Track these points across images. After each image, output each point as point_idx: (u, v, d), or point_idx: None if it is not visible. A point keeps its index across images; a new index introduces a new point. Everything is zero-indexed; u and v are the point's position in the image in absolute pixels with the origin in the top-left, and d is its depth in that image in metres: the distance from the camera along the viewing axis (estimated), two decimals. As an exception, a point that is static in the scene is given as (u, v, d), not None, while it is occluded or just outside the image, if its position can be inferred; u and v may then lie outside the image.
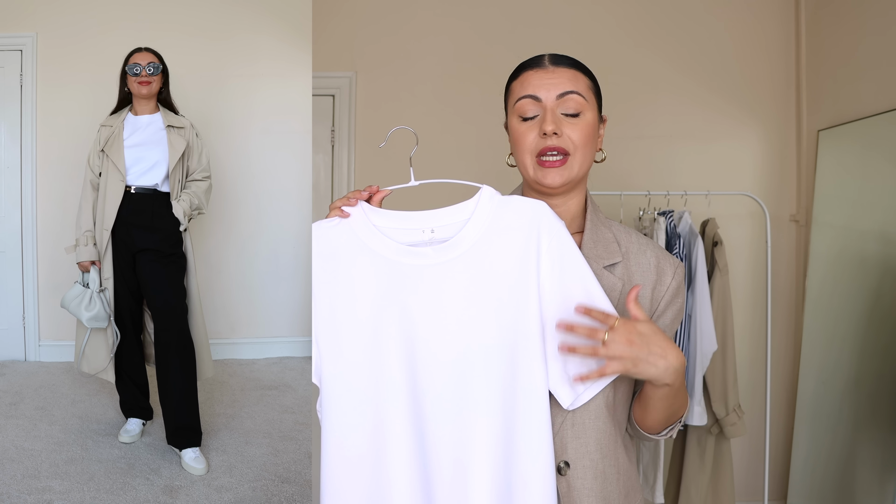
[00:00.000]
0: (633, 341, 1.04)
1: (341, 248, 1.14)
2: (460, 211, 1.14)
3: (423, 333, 1.10)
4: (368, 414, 1.10)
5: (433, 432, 1.08)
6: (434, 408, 1.08)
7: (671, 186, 2.84)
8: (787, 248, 3.12)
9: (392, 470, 1.08)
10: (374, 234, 1.13)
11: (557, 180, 1.18)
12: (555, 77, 1.18)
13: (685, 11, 3.13)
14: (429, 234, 1.14)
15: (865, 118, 2.67)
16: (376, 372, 1.10)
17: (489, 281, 1.10)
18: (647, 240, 1.25)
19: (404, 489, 1.08)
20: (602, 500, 1.14)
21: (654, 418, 1.17)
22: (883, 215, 2.53)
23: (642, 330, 1.05)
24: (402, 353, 1.10)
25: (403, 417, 1.08)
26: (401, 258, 1.12)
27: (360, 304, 1.11)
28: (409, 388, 1.09)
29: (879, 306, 2.52)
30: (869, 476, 2.48)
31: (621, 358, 1.04)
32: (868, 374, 2.54)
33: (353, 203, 1.16)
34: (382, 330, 1.10)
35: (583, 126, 1.18)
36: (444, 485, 1.08)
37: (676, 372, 1.07)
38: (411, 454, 1.08)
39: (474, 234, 1.12)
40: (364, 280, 1.12)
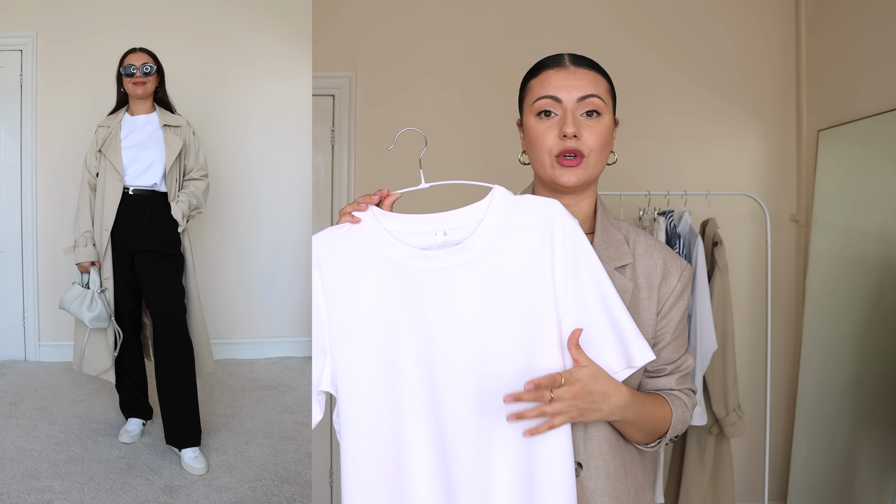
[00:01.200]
0: (576, 395, 1.07)
1: (354, 253, 1.13)
2: (473, 212, 1.13)
3: (440, 337, 1.09)
4: (387, 419, 1.10)
5: (453, 435, 1.08)
6: (453, 411, 1.08)
7: (671, 186, 2.84)
8: (787, 248, 3.12)
9: (413, 473, 1.08)
10: (387, 238, 1.13)
11: (573, 180, 1.18)
12: (576, 79, 1.18)
13: (685, 11, 3.13)
14: (441, 237, 1.13)
15: (865, 118, 2.67)
16: (393, 377, 1.10)
17: (504, 282, 1.10)
18: (656, 241, 1.26)
19: (426, 492, 1.08)
20: (614, 499, 1.15)
21: (630, 438, 1.19)
22: (883, 215, 2.53)
23: (583, 379, 1.07)
24: (418, 357, 1.09)
25: (423, 422, 1.08)
26: (414, 262, 1.11)
27: (374, 310, 1.11)
28: (428, 391, 1.09)
29: (879, 306, 2.52)
30: (869, 476, 2.48)
31: (567, 412, 1.06)
32: (868, 374, 2.54)
33: (364, 208, 1.15)
34: (398, 335, 1.10)
35: (601, 129, 1.19)
36: (466, 487, 1.08)
37: (623, 409, 1.11)
38: (432, 458, 1.08)
39: (488, 235, 1.11)
40: (378, 285, 1.11)
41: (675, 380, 1.23)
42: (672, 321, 1.22)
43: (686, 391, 1.25)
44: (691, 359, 1.26)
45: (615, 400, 1.09)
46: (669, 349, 1.23)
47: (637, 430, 1.17)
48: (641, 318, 1.20)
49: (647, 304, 1.21)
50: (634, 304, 1.20)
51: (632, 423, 1.14)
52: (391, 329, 1.10)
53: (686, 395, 1.24)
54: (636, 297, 1.20)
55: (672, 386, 1.23)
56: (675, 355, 1.24)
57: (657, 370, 1.23)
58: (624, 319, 1.11)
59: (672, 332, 1.22)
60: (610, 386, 1.09)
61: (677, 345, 1.24)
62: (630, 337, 1.10)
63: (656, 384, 1.23)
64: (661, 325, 1.22)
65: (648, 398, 1.18)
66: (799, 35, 3.09)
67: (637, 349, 1.10)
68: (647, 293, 1.21)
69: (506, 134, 1.25)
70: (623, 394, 1.11)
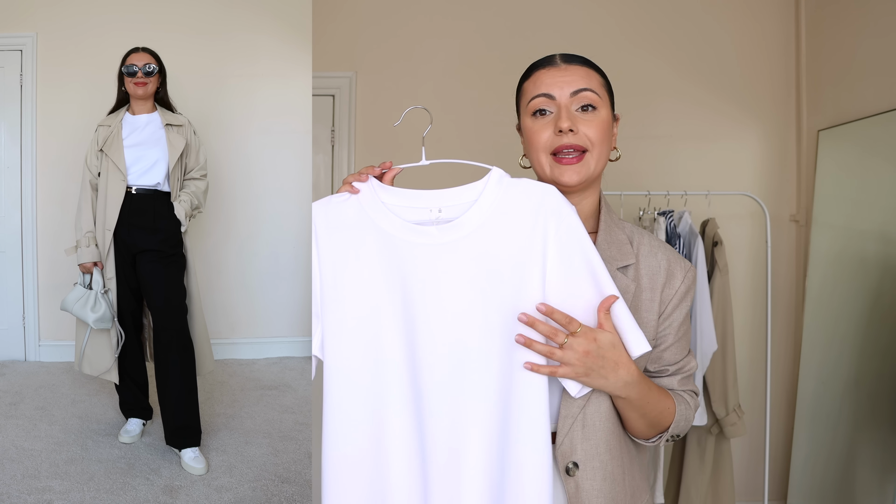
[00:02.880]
0: (589, 352, 1.06)
1: (349, 222, 1.14)
2: (468, 192, 1.14)
3: (422, 313, 1.10)
4: (366, 392, 1.10)
5: (430, 411, 1.08)
6: (430, 389, 1.09)
7: (671, 186, 2.84)
8: (787, 248, 3.12)
9: (390, 446, 1.09)
10: (382, 210, 1.13)
11: (574, 178, 1.18)
12: (568, 75, 1.18)
13: (685, 12, 3.13)
14: (436, 214, 1.14)
15: (865, 118, 2.67)
16: (376, 349, 1.10)
17: (492, 263, 1.10)
18: (660, 242, 1.26)
19: (401, 467, 1.08)
20: (610, 500, 1.14)
21: (630, 426, 1.18)
22: (883, 215, 2.53)
23: (601, 341, 1.07)
24: (401, 331, 1.10)
25: (401, 396, 1.09)
26: (406, 236, 1.12)
27: (363, 280, 1.12)
28: (408, 367, 1.09)
29: (879, 306, 2.52)
30: (869, 476, 2.48)
31: (573, 365, 1.06)
32: (868, 374, 2.54)
33: (364, 179, 1.16)
34: (383, 307, 1.10)
35: (598, 122, 1.18)
36: (438, 467, 1.08)
37: (629, 386, 1.10)
38: (408, 432, 1.08)
39: (480, 216, 1.12)
40: (369, 256, 1.12)
41: (678, 381, 1.23)
42: (675, 322, 1.22)
43: (689, 392, 1.24)
44: (694, 361, 1.25)
45: (623, 374, 1.09)
46: (672, 350, 1.22)
47: (639, 417, 1.15)
48: (643, 319, 1.19)
49: (649, 306, 1.20)
50: (636, 304, 1.19)
51: (635, 405, 1.13)
52: (377, 300, 1.11)
53: (689, 395, 1.24)
54: (638, 298, 1.20)
55: (674, 386, 1.22)
56: (678, 357, 1.23)
57: (659, 371, 1.23)
58: (620, 309, 1.10)
59: (675, 334, 1.22)
60: (623, 358, 1.09)
61: (680, 346, 1.23)
62: (625, 327, 1.10)
63: (658, 384, 1.22)
64: (664, 326, 1.21)
65: (655, 386, 1.17)
66: (799, 35, 3.09)
67: (632, 340, 1.10)
68: (649, 294, 1.20)
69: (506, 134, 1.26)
70: (633, 371, 1.10)
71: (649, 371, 1.23)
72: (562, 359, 1.06)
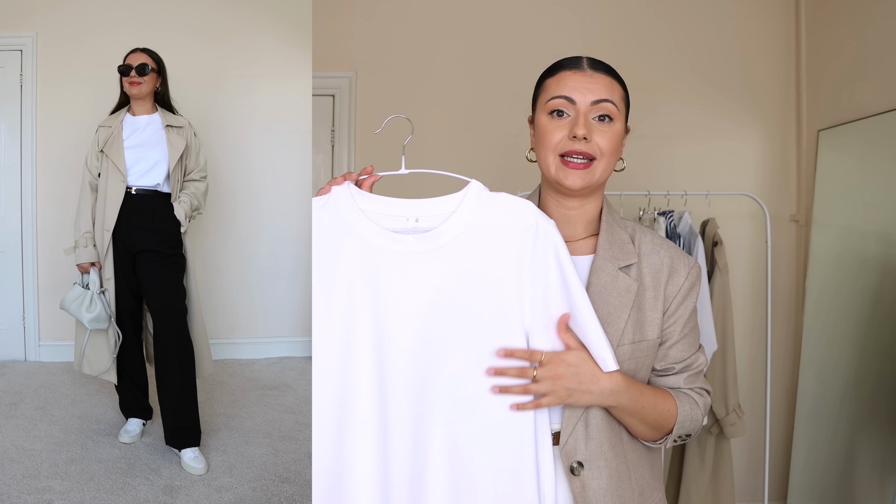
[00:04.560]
0: (561, 375, 1.07)
1: (328, 228, 1.15)
2: (447, 203, 1.14)
3: (392, 321, 1.10)
4: (337, 398, 1.10)
5: (397, 420, 1.09)
6: (398, 398, 1.09)
7: (671, 186, 2.84)
8: (787, 249, 3.11)
9: (356, 469, 1.09)
10: (359, 217, 1.14)
11: (578, 183, 1.18)
12: (592, 82, 1.19)
13: (685, 11, 3.13)
14: (413, 223, 1.14)
15: (865, 118, 2.67)
16: (348, 356, 1.11)
17: (465, 276, 1.10)
18: (664, 240, 1.25)
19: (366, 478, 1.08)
20: (617, 498, 1.14)
21: (633, 431, 1.18)
22: (883, 215, 2.53)
23: (570, 360, 1.08)
24: (371, 338, 1.10)
25: (368, 403, 1.09)
26: (381, 243, 1.12)
27: (338, 285, 1.12)
28: (377, 374, 1.09)
29: (879, 307, 2.52)
30: (869, 476, 2.48)
31: (553, 391, 1.08)
32: (868, 374, 2.54)
33: (340, 182, 1.16)
34: (356, 313, 1.11)
35: (612, 134, 1.19)
36: (402, 482, 1.08)
37: (616, 394, 1.10)
38: (374, 444, 1.09)
39: (457, 227, 1.12)
40: (344, 261, 1.13)
41: (684, 378, 1.22)
42: (680, 319, 1.21)
43: (698, 390, 1.22)
44: (703, 357, 1.24)
45: (605, 384, 1.09)
46: (678, 348, 1.22)
47: (638, 422, 1.15)
48: (646, 318, 1.19)
49: (653, 304, 1.20)
50: (639, 303, 1.19)
51: (630, 411, 1.13)
52: (351, 306, 1.11)
53: (698, 393, 1.22)
54: (641, 297, 1.19)
55: (680, 384, 1.21)
56: (685, 354, 1.22)
57: (666, 369, 1.22)
58: (590, 325, 1.10)
59: (680, 331, 1.21)
60: (599, 370, 1.10)
61: (686, 343, 1.22)
62: (594, 343, 1.10)
63: (664, 383, 1.21)
64: (669, 323, 1.21)
65: (649, 389, 1.16)
66: (799, 35, 3.08)
67: (599, 358, 1.10)
68: (652, 292, 1.20)
69: (506, 133, 1.26)
70: (616, 379, 1.10)
71: (655, 369, 1.22)
72: (538, 391, 1.07)
